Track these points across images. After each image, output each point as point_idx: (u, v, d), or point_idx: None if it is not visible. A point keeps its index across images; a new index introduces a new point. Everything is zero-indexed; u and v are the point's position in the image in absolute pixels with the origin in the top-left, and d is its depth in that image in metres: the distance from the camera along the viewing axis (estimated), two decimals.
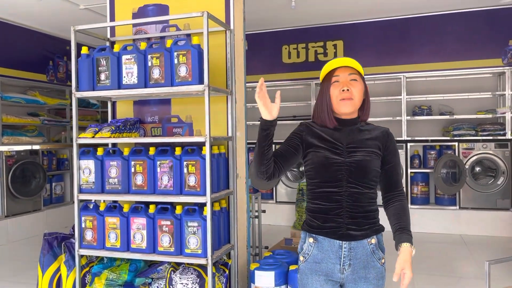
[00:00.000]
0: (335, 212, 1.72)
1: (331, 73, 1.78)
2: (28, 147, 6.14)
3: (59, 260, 3.15)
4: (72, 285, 3.05)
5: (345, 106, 1.73)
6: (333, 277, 1.74)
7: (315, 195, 1.77)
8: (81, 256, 3.06)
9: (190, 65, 2.77)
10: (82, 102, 7.19)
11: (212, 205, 2.77)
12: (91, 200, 3.17)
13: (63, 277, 3.08)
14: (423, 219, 5.95)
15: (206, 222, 2.75)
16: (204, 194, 2.76)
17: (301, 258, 1.82)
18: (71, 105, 6.77)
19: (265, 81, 1.70)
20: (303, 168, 5.29)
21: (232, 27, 3.14)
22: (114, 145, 3.38)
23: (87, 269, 3.10)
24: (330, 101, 1.76)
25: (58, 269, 3.13)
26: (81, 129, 6.97)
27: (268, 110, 1.66)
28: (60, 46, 6.86)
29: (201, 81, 2.79)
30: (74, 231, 3.28)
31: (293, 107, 6.78)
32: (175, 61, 2.81)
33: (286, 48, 6.69)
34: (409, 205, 6.01)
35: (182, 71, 2.79)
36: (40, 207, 6.26)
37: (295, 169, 6.73)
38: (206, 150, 2.74)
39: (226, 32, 3.12)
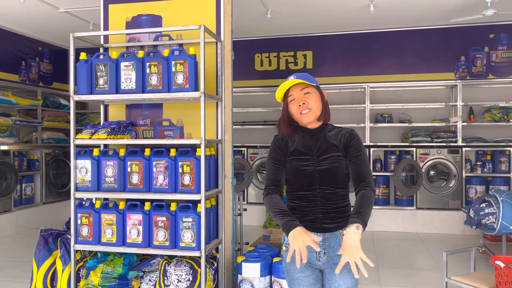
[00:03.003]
0: (310, 210, 2.00)
1: (286, 94, 2.05)
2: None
3: (54, 255, 3.28)
4: (67, 279, 3.20)
5: (306, 117, 2.00)
6: (311, 264, 2.02)
7: (294, 196, 2.05)
8: (76, 251, 3.21)
9: (187, 73, 3.02)
10: (53, 104, 7.18)
11: (205, 202, 3.02)
12: (84, 198, 3.33)
13: (58, 272, 3.22)
14: (384, 219, 6.44)
15: (200, 217, 3.00)
16: (199, 192, 3.01)
17: (283, 248, 2.09)
18: (42, 105, 6.82)
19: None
20: None
21: (222, 38, 3.41)
22: (105, 146, 3.55)
23: (81, 263, 3.25)
24: (288, 118, 2.04)
25: (53, 264, 3.26)
26: (50, 129, 7.02)
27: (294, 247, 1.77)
28: (33, 46, 6.85)
29: (196, 88, 3.04)
30: (67, 227, 3.43)
31: (264, 112, 7.11)
32: (173, 69, 3.04)
33: (258, 56, 7.02)
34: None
35: (180, 78, 3.03)
36: (11, 208, 6.21)
37: (265, 172, 7.04)
38: (201, 152, 2.99)
39: (217, 44, 3.39)
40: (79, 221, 3.19)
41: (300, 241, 1.75)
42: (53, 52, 7.28)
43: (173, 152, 3.14)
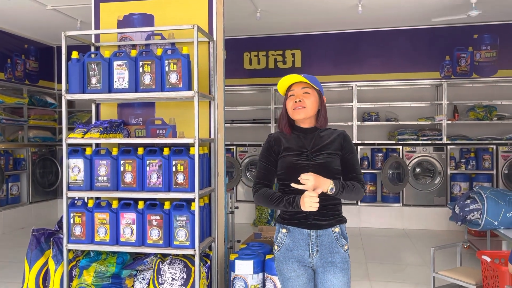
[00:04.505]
0: None
1: (288, 89, 2.14)
2: None
3: (46, 255, 3.26)
4: (60, 279, 3.19)
5: (297, 113, 2.07)
6: (304, 262, 2.06)
7: (286, 193, 2.05)
8: (69, 250, 3.21)
9: (181, 73, 3.03)
10: (40, 102, 7.09)
11: (198, 201, 3.04)
12: (76, 197, 3.32)
13: (51, 271, 3.21)
14: (371, 215, 6.55)
15: (194, 216, 3.02)
16: (193, 191, 3.03)
17: (275, 247, 2.13)
18: (28, 104, 6.74)
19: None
20: None
21: (215, 38, 3.43)
22: (97, 145, 3.54)
23: (73, 263, 3.24)
24: (287, 113, 2.11)
25: (45, 264, 3.25)
26: (36, 128, 6.93)
27: (308, 207, 1.90)
28: (19, 44, 6.75)
29: (190, 88, 3.06)
30: (59, 227, 3.41)
31: (253, 111, 7.14)
32: (166, 68, 3.05)
33: (247, 55, 7.05)
34: (359, 203, 6.60)
35: (173, 78, 3.04)
36: None
37: (254, 170, 7.07)
38: (195, 151, 3.01)
39: (209, 43, 3.41)
40: (71, 221, 3.18)
41: (302, 199, 1.92)
42: (39, 49, 7.19)
43: (166, 151, 3.15)
